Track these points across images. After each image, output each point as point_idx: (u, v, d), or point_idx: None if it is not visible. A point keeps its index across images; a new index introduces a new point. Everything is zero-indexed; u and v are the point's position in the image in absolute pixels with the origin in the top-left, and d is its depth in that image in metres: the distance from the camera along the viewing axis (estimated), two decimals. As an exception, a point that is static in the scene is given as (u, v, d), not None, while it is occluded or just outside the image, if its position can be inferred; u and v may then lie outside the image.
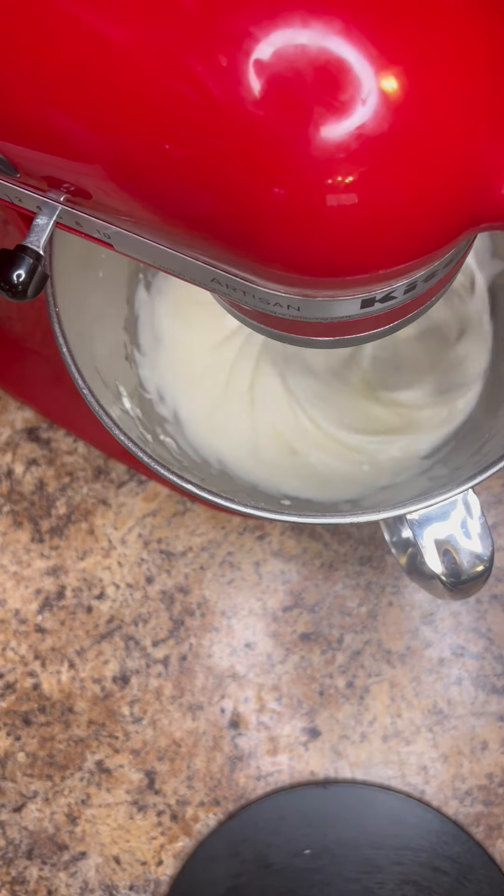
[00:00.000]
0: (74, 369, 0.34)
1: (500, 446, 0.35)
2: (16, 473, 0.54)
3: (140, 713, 0.52)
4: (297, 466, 0.45)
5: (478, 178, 0.22)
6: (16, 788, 0.52)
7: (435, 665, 0.52)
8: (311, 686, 0.52)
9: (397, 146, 0.20)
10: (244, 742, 0.52)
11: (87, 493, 0.54)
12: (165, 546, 0.53)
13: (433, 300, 0.29)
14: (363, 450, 0.45)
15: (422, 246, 0.23)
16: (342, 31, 0.19)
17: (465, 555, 0.35)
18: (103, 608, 0.53)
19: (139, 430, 0.38)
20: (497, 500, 0.53)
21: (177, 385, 0.45)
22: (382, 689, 0.52)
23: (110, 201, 0.24)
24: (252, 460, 0.45)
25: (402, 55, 0.20)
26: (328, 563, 0.53)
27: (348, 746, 0.51)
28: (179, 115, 0.21)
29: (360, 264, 0.22)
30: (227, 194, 0.21)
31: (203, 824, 0.51)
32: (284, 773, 0.51)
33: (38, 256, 0.25)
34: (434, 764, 0.51)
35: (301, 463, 0.45)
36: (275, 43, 0.19)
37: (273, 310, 0.26)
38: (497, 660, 0.52)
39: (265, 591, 0.53)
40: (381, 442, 0.45)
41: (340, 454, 0.45)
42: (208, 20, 0.20)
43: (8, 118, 0.23)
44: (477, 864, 0.50)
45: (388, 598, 0.52)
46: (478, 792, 0.51)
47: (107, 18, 0.20)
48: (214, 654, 0.52)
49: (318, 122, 0.20)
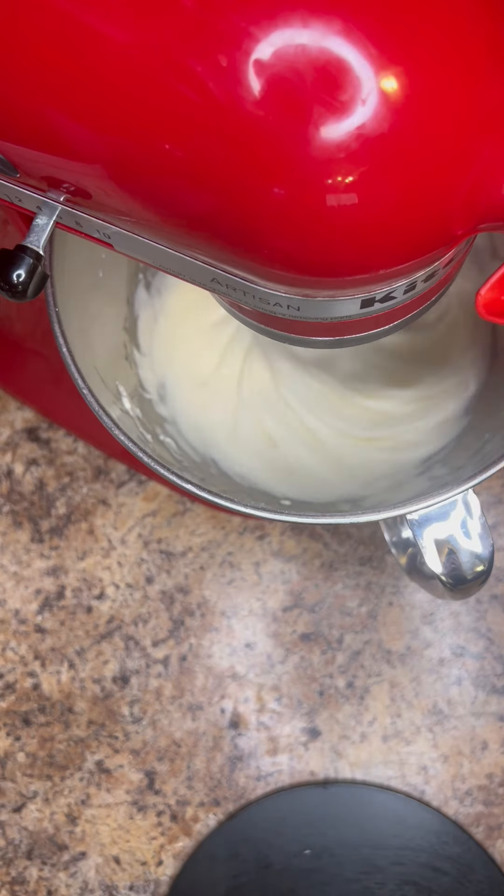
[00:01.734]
0: (74, 369, 0.34)
1: (500, 446, 0.35)
2: (16, 473, 0.54)
3: (140, 713, 0.52)
4: (272, 459, 0.45)
5: (478, 179, 0.22)
6: (16, 788, 0.52)
7: (435, 665, 0.52)
8: (311, 686, 0.52)
9: (397, 146, 0.20)
10: (244, 742, 0.52)
11: (87, 493, 0.54)
12: (165, 546, 0.53)
13: (433, 300, 0.29)
14: (344, 451, 0.45)
15: (422, 246, 0.23)
16: (342, 30, 0.19)
17: (465, 555, 0.35)
18: (103, 608, 0.53)
19: (139, 430, 0.38)
20: (497, 500, 0.53)
21: (166, 358, 0.45)
22: (382, 690, 0.52)
23: (110, 201, 0.24)
24: (231, 443, 0.45)
25: (402, 55, 0.20)
26: (328, 563, 0.53)
27: (348, 746, 0.51)
28: (179, 115, 0.21)
29: (360, 264, 0.22)
30: (226, 194, 0.21)
31: (203, 824, 0.51)
32: (284, 774, 0.51)
33: (38, 256, 0.25)
34: (434, 764, 0.51)
35: (278, 456, 0.45)
36: (275, 43, 0.19)
37: (273, 310, 0.26)
38: (497, 660, 0.52)
39: (265, 591, 0.53)
40: (366, 440, 0.44)
41: (320, 452, 0.45)
42: (208, 20, 0.20)
43: (8, 118, 0.23)
44: (477, 864, 0.50)
45: (388, 598, 0.52)
46: (478, 792, 0.51)
47: (107, 18, 0.20)
48: (214, 655, 0.52)
49: (318, 122, 0.20)
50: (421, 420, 0.44)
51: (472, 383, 0.45)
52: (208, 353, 0.46)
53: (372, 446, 0.45)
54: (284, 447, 0.45)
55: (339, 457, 0.45)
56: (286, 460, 0.45)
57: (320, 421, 0.45)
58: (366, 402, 0.45)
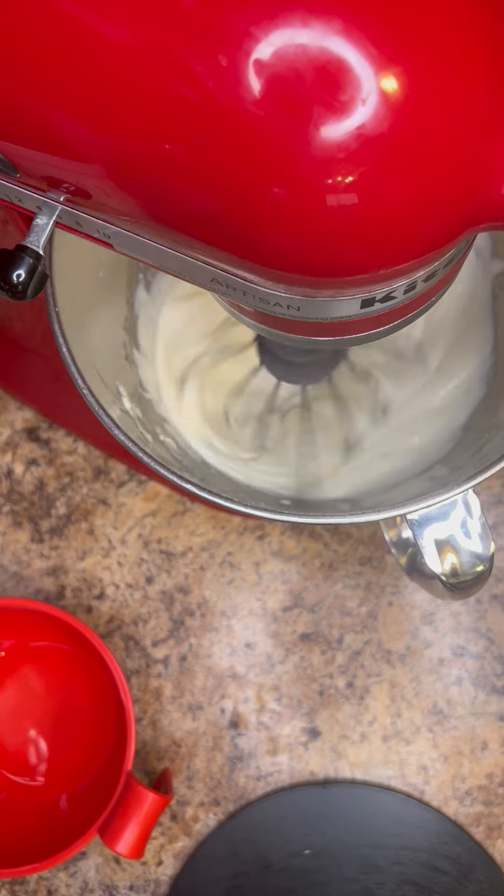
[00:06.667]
0: (74, 369, 0.34)
1: (500, 446, 0.35)
2: (16, 473, 0.54)
3: (140, 713, 0.52)
4: (211, 454, 0.45)
5: (478, 178, 0.22)
6: (16, 788, 0.52)
7: (435, 665, 0.52)
8: (311, 686, 0.52)
9: (397, 146, 0.20)
10: (244, 742, 0.52)
11: (86, 493, 0.54)
12: (165, 546, 0.53)
13: (433, 300, 0.29)
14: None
15: (422, 246, 0.23)
16: (342, 30, 0.19)
17: (465, 555, 0.35)
18: (103, 608, 0.53)
19: (139, 430, 0.38)
20: (497, 500, 0.53)
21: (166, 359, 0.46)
22: (382, 690, 0.52)
23: (110, 201, 0.24)
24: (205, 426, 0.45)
25: (402, 55, 0.20)
26: (328, 563, 0.53)
27: (348, 746, 0.51)
28: (179, 115, 0.21)
29: (360, 264, 0.22)
30: (227, 194, 0.21)
31: (203, 824, 0.51)
32: (284, 774, 0.51)
33: (38, 256, 0.25)
34: (434, 764, 0.51)
35: (212, 455, 0.45)
36: (275, 43, 0.19)
37: (273, 310, 0.26)
38: (497, 660, 0.52)
39: (265, 591, 0.53)
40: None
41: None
42: (208, 20, 0.20)
43: (8, 118, 0.23)
44: (477, 864, 0.50)
45: (388, 598, 0.52)
46: (478, 792, 0.51)
47: (107, 18, 0.20)
48: (214, 655, 0.52)
49: (318, 122, 0.20)
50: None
51: (475, 385, 0.45)
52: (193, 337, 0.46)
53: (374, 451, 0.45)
54: (215, 455, 0.45)
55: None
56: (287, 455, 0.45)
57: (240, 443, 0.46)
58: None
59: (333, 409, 0.46)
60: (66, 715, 0.51)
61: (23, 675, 0.52)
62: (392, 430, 0.45)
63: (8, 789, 0.50)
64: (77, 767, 0.50)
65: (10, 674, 0.52)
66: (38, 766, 0.51)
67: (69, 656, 0.51)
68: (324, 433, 0.46)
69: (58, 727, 0.51)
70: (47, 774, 0.51)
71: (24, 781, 0.51)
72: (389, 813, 0.51)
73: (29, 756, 0.51)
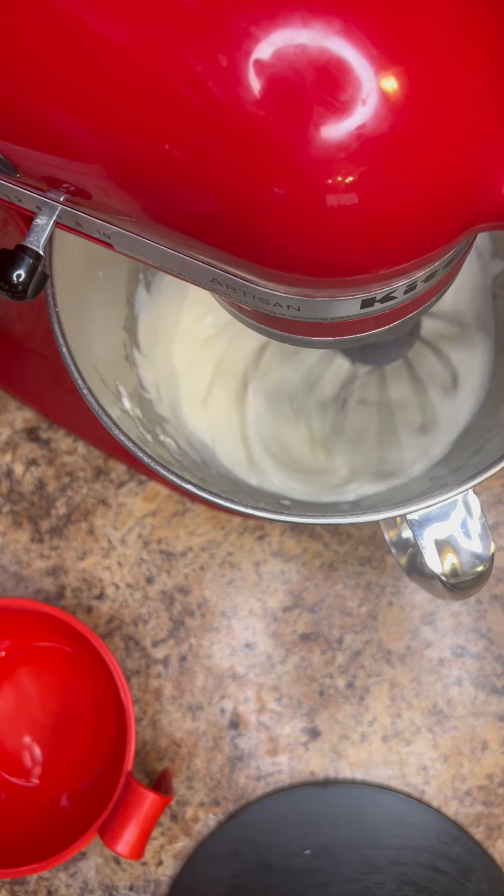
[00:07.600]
0: (74, 369, 0.34)
1: (500, 446, 0.35)
2: (16, 473, 0.54)
3: (140, 713, 0.52)
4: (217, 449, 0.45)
5: (478, 178, 0.22)
6: (16, 788, 0.52)
7: (435, 665, 0.52)
8: (311, 686, 0.52)
9: (397, 146, 0.20)
10: (244, 742, 0.52)
11: (86, 493, 0.54)
12: (165, 546, 0.53)
13: (433, 300, 0.29)
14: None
15: (422, 246, 0.23)
16: (342, 30, 0.19)
17: (465, 555, 0.35)
18: (103, 608, 0.53)
19: (139, 430, 0.38)
20: (497, 500, 0.53)
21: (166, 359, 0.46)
22: (382, 690, 0.52)
23: (110, 201, 0.24)
24: (202, 410, 0.46)
25: (402, 55, 0.20)
26: (328, 563, 0.53)
27: (348, 746, 0.51)
28: (179, 115, 0.21)
29: (361, 264, 0.22)
30: (226, 194, 0.21)
31: (203, 824, 0.51)
32: (284, 774, 0.51)
33: (38, 256, 0.25)
34: (434, 764, 0.51)
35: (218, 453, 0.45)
36: (275, 43, 0.19)
37: (273, 310, 0.26)
38: (497, 660, 0.52)
39: (265, 592, 0.53)
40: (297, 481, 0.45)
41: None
42: (208, 20, 0.20)
43: (8, 118, 0.23)
44: (477, 864, 0.50)
45: (388, 598, 0.52)
46: (478, 792, 0.51)
47: (107, 18, 0.20)
48: (214, 655, 0.52)
49: (318, 123, 0.20)
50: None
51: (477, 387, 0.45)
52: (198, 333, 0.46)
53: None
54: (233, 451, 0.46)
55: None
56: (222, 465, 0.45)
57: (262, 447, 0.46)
58: (316, 453, 0.46)
59: (411, 388, 0.45)
60: (66, 715, 0.51)
61: (23, 675, 0.52)
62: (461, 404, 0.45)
63: (8, 789, 0.50)
64: (77, 767, 0.50)
65: (10, 674, 0.52)
66: (38, 766, 0.51)
67: (69, 657, 0.51)
68: (402, 414, 0.45)
69: (58, 727, 0.51)
70: (47, 775, 0.51)
71: (24, 782, 0.51)
72: (389, 813, 0.51)
73: (29, 756, 0.51)
